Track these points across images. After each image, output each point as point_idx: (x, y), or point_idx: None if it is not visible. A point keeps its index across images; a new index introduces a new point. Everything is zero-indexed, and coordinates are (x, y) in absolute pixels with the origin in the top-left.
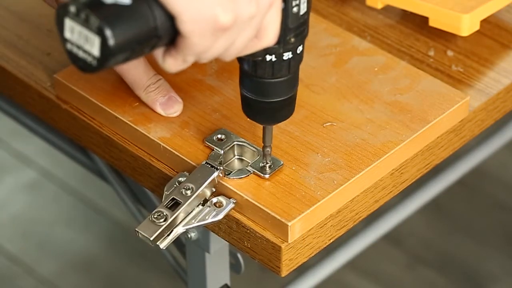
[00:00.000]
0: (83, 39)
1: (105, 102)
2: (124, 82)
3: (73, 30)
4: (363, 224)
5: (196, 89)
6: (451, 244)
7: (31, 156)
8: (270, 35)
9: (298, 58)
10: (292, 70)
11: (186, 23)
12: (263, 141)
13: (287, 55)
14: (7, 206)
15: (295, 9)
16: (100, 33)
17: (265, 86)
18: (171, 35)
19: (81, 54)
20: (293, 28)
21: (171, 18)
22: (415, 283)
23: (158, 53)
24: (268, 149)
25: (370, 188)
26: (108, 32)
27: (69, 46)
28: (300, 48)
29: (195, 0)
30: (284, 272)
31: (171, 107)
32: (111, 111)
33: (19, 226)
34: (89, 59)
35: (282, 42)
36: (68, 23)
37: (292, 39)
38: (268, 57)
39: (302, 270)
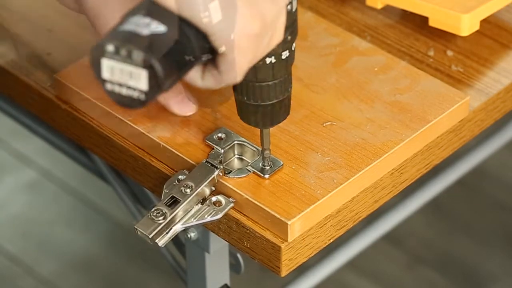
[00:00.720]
0: (126, 76)
1: (105, 101)
2: None
3: (112, 69)
4: (363, 224)
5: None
6: (451, 244)
7: (31, 156)
8: (279, 34)
9: (292, 56)
10: (288, 69)
11: (222, 39)
12: (262, 144)
13: (285, 54)
14: (7, 206)
15: (288, 7)
16: (146, 65)
17: (264, 90)
18: (206, 54)
19: (124, 91)
20: (289, 26)
21: (205, 38)
22: (415, 283)
23: (196, 73)
24: (267, 151)
25: (370, 187)
26: (155, 63)
27: (109, 86)
28: (294, 46)
29: (226, 15)
30: (284, 272)
31: (186, 105)
32: (111, 111)
33: (19, 226)
34: (135, 94)
35: (281, 42)
36: (106, 63)
37: (289, 37)
38: (268, 60)
39: (302, 270)
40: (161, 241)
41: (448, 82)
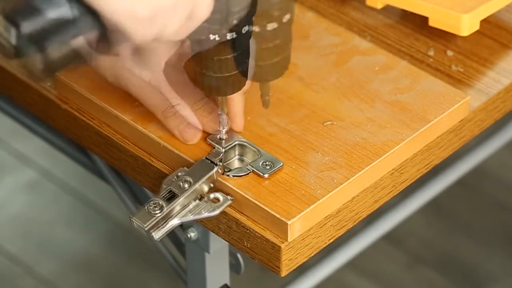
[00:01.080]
0: (2, 27)
1: (105, 100)
2: None
3: None
4: (363, 224)
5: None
6: (451, 244)
7: (31, 156)
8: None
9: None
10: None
11: (111, 20)
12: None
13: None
14: (7, 206)
15: None
16: (14, 24)
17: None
18: (96, 28)
19: (1, 39)
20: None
21: (93, 12)
22: (415, 283)
23: (92, 41)
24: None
25: (370, 187)
26: (21, 24)
27: None
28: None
29: None
30: (284, 272)
31: (189, 133)
32: (111, 110)
33: (19, 226)
34: (8, 46)
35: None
36: None
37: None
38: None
39: (302, 270)
40: (157, 234)
41: (448, 82)
